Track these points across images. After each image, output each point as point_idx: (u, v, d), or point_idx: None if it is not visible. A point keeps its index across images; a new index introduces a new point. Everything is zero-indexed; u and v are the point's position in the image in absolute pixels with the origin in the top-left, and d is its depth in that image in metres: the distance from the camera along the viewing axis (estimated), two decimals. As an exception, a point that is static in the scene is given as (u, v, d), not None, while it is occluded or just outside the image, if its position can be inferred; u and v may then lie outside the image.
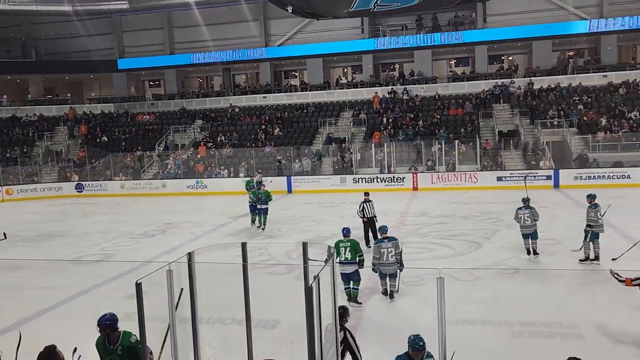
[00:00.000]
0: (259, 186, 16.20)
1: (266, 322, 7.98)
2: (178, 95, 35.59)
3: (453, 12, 31.17)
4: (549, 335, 7.23)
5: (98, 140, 31.37)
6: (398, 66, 34.56)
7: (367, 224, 12.70)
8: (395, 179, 23.52)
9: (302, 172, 25.26)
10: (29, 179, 28.29)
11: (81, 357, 4.77)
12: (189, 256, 4.71)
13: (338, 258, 8.56)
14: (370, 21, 32.08)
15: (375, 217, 12.72)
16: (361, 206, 12.75)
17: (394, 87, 30.87)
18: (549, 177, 21.86)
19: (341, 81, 33.60)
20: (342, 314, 5.51)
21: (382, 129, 27.37)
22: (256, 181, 17.31)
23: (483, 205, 18.10)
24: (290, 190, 24.35)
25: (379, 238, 9.13)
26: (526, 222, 10.89)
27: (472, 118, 27.08)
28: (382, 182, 23.53)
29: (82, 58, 35.71)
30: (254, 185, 16.54)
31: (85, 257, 13.18)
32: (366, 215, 12.68)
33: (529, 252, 11.08)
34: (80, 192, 27.01)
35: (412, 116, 28.03)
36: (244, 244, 5.15)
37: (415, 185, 23.13)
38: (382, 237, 8.94)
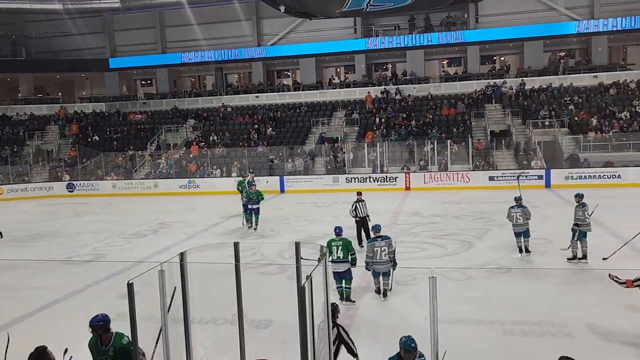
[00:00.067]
0: (250, 186, 16.17)
1: (259, 322, 7.97)
2: (170, 94, 35.44)
3: (445, 13, 31.28)
4: (541, 334, 7.28)
5: (89, 140, 31.18)
6: (391, 66, 34.62)
7: (360, 223, 12.71)
8: (387, 179, 23.57)
9: (294, 172, 25.25)
10: (20, 179, 28.08)
11: (72, 357, 4.74)
12: (181, 256, 4.69)
13: (330, 257, 8.59)
14: (363, 21, 32.11)
15: (368, 217, 12.74)
16: (354, 206, 12.76)
17: (387, 87, 30.93)
18: (540, 177, 21.98)
19: (334, 81, 33.62)
20: (333, 311, 5.52)
21: (374, 128, 27.41)
22: (247, 181, 17.28)
23: (475, 205, 18.18)
24: (282, 190, 24.32)
25: (372, 237, 9.16)
26: (518, 220, 11.01)
27: (464, 118, 27.20)
28: (374, 181, 23.56)
29: (74, 57, 35.48)
30: (246, 186, 16.51)
31: (76, 257, 13.09)
32: (359, 215, 12.69)
33: (521, 251, 11.19)
34: (72, 191, 26.84)
35: (404, 116, 28.10)
36: (236, 244, 5.14)
37: (407, 185, 23.19)
38: (376, 236, 8.97)
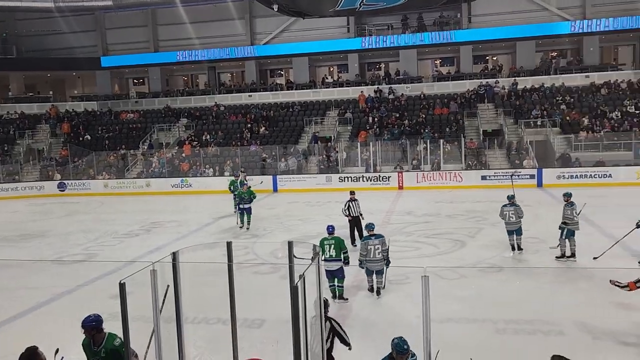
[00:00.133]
0: (242, 186, 16.14)
1: (252, 321, 7.96)
2: (162, 93, 35.28)
3: (438, 12, 31.36)
4: (532, 332, 7.32)
5: (81, 139, 30.99)
6: (384, 65, 34.67)
7: (353, 222, 12.73)
8: (380, 178, 23.61)
9: (287, 171, 25.23)
10: (10, 178, 27.85)
11: (63, 358, 4.72)
12: (174, 256, 4.68)
13: (323, 256, 8.64)
14: (356, 20, 32.13)
15: (361, 215, 12.76)
16: (347, 205, 12.78)
17: (380, 87, 30.97)
18: (532, 176, 22.11)
19: (327, 80, 33.61)
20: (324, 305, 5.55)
21: (367, 128, 27.44)
22: (239, 181, 17.25)
23: (467, 204, 18.25)
24: (275, 189, 24.30)
25: (366, 235, 9.19)
26: (511, 219, 11.16)
27: (457, 117, 27.29)
28: (367, 181, 23.59)
29: (65, 55, 35.24)
30: (238, 185, 16.48)
31: (67, 257, 13.01)
32: (352, 214, 12.71)
33: (514, 248, 11.34)
34: (63, 191, 26.66)
35: (397, 115, 28.15)
36: (229, 243, 5.13)
37: (400, 184, 23.23)
38: (369, 234, 9.04)
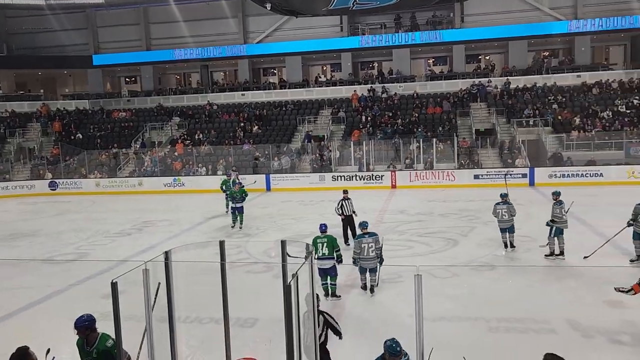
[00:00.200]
0: (234, 185, 16.12)
1: (244, 320, 7.95)
2: (155, 92, 35.11)
3: (431, 12, 31.45)
4: (524, 331, 7.36)
5: (72, 138, 30.79)
6: (377, 64, 34.71)
7: (346, 221, 12.74)
8: (374, 177, 23.64)
9: (280, 170, 25.20)
10: (1, 177, 27.64)
11: (55, 358, 4.69)
12: (166, 255, 4.66)
13: (316, 254, 8.66)
14: (349, 19, 32.14)
15: (355, 213, 12.79)
16: (340, 204, 12.79)
17: (373, 86, 31.00)
18: (524, 175, 22.21)
19: (320, 79, 33.61)
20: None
21: (361, 127, 27.46)
22: (232, 180, 17.24)
23: (460, 203, 18.31)
24: (269, 188, 24.26)
25: (359, 233, 9.22)
26: (504, 216, 11.29)
27: (449, 117, 27.37)
28: (360, 180, 23.61)
29: (56, 53, 34.99)
30: (230, 185, 16.45)
31: (59, 257, 12.93)
32: (345, 213, 12.72)
33: (506, 246, 11.48)
34: (54, 190, 26.48)
35: (390, 114, 28.20)
36: (222, 242, 5.11)
37: (393, 183, 23.27)
38: (363, 233, 9.08)
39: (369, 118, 28.07)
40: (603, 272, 9.51)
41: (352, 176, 23.81)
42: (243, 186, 15.97)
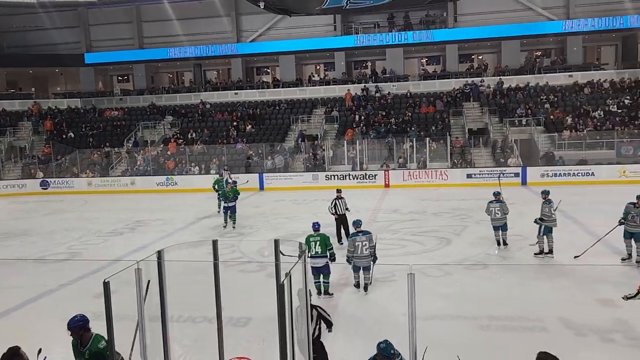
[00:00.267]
0: (227, 185, 16.09)
1: (237, 319, 7.93)
2: (147, 90, 34.96)
3: (424, 11, 31.51)
4: (516, 329, 7.40)
5: (64, 136, 30.57)
6: (370, 64, 34.74)
7: (339, 221, 12.75)
8: (367, 176, 23.66)
9: (274, 169, 25.17)
10: (-9, 176, 27.46)
11: (46, 358, 4.66)
12: (159, 254, 4.64)
13: (309, 252, 8.68)
14: (343, 18, 32.14)
15: (347, 209, 12.83)
16: (333, 203, 12.80)
17: (366, 85, 31.03)
18: (517, 175, 22.32)
19: (314, 78, 33.58)
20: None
21: (354, 126, 27.48)
22: (225, 180, 17.22)
23: (453, 202, 18.37)
24: (262, 188, 24.22)
25: (353, 231, 9.26)
26: (497, 215, 11.42)
27: (442, 116, 27.45)
28: (354, 179, 23.63)
29: (48, 51, 34.74)
30: (224, 185, 16.42)
31: (51, 256, 12.84)
32: (338, 212, 12.73)
33: (499, 243, 11.62)
34: (46, 189, 26.30)
35: (384, 114, 28.23)
36: (215, 242, 5.10)
37: (387, 183, 23.31)
38: (357, 231, 9.11)
39: (362, 117, 28.09)
40: (595, 271, 9.58)
41: (346, 175, 23.83)
42: (236, 185, 15.94)
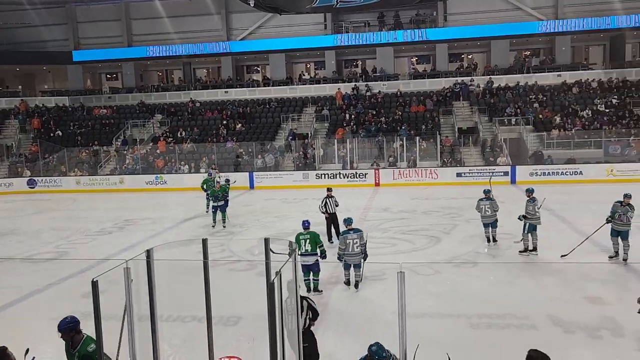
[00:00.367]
0: (215, 184, 16.04)
1: (227, 319, 7.90)
2: (136, 88, 34.72)
3: (414, 10, 31.59)
4: (505, 327, 7.44)
5: (52, 135, 30.28)
6: (361, 63, 34.78)
7: (330, 219, 12.75)
8: (357, 175, 23.69)
9: (264, 168, 25.11)
10: (-22, 175, 27.14)
11: (35, 358, 4.62)
12: (148, 253, 4.61)
13: (299, 250, 8.68)
14: (333, 17, 32.13)
15: (337, 205, 12.86)
16: (324, 202, 12.80)
17: (357, 84, 31.05)
18: (506, 173, 22.46)
19: (304, 77, 33.55)
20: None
21: (344, 125, 27.49)
22: (213, 179, 17.18)
23: (443, 200, 18.45)
24: (252, 187, 24.16)
25: (344, 229, 9.28)
26: (487, 212, 11.59)
27: (432, 115, 27.54)
28: (344, 178, 23.65)
29: (35, 49, 34.36)
30: (213, 184, 16.34)
31: (38, 256, 12.72)
32: (329, 211, 12.73)
33: (489, 240, 11.77)
34: (33, 188, 26.02)
35: (374, 113, 28.27)
36: (204, 241, 5.08)
37: (377, 181, 23.36)
38: (348, 229, 9.13)
39: (352, 116, 28.11)
40: (582, 269, 9.67)
41: (336, 174, 23.84)
42: (229, 183, 15.88)
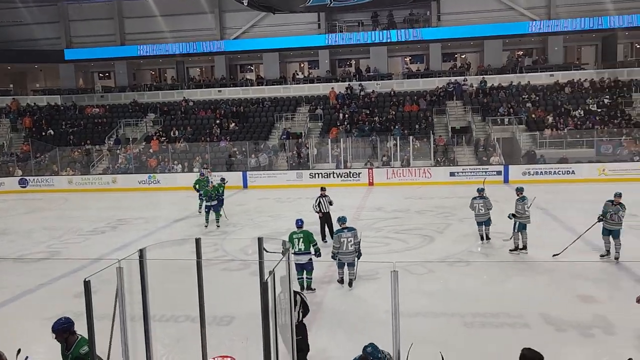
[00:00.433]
0: (208, 184, 16.01)
1: (221, 318, 7.88)
2: (129, 87, 34.56)
3: (408, 10, 31.64)
4: (498, 325, 7.47)
5: (43, 134, 30.07)
6: (354, 62, 34.80)
7: (324, 219, 12.75)
8: (351, 174, 23.70)
9: (258, 167, 25.07)
10: (-31, 174, 26.91)
11: (28, 358, 4.59)
12: (141, 253, 4.59)
13: (292, 249, 8.68)
14: (327, 16, 32.12)
15: (331, 203, 12.87)
16: (317, 201, 12.80)
17: (350, 83, 31.06)
18: (499, 173, 22.53)
19: (297, 76, 33.52)
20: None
21: (338, 124, 27.49)
22: (205, 178, 17.15)
23: (436, 200, 18.49)
24: (245, 186, 24.11)
25: (338, 228, 9.30)
26: (480, 210, 11.69)
27: (426, 114, 27.59)
28: (338, 177, 23.66)
29: (27, 47, 34.10)
30: (205, 184, 16.30)
31: (30, 255, 12.63)
32: (322, 210, 12.73)
33: (482, 238, 11.89)
34: (24, 187, 25.83)
35: (368, 112, 28.29)
36: (198, 240, 5.07)
37: (371, 181, 23.39)
38: (342, 227, 9.16)
39: (346, 115, 28.12)
40: (574, 268, 9.72)
41: (330, 173, 23.84)
42: (224, 182, 15.85)
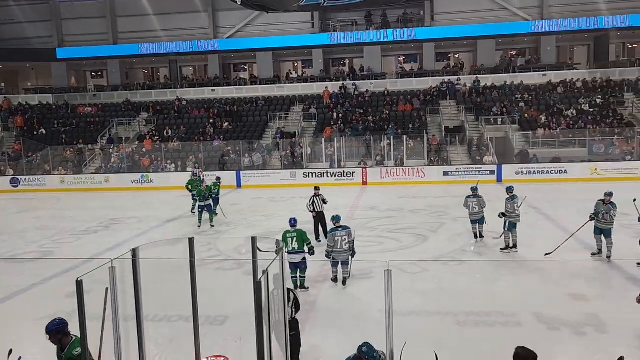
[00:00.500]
0: (201, 184, 15.99)
1: (214, 318, 7.87)
2: (122, 86, 34.38)
3: (402, 9, 31.68)
4: (491, 324, 7.50)
5: (35, 133, 29.88)
6: (348, 61, 34.80)
7: (317, 218, 12.74)
8: (345, 174, 23.72)
9: (251, 167, 25.03)
10: (-41, 173, 26.68)
11: (22, 358, 4.56)
12: (134, 252, 4.57)
13: (286, 248, 8.69)
14: (321, 16, 32.11)
15: (326, 202, 12.86)
16: (311, 200, 12.79)
17: (344, 83, 31.07)
18: (492, 172, 22.63)
19: (291, 75, 33.49)
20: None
21: (332, 124, 27.49)
22: (198, 178, 17.13)
23: (430, 199, 18.54)
24: (239, 185, 24.07)
25: (332, 227, 9.31)
26: (474, 209, 11.81)
27: (420, 114, 27.64)
28: (332, 176, 23.67)
29: (18, 46, 33.84)
30: (198, 184, 16.27)
31: (22, 255, 12.55)
32: (316, 210, 12.73)
33: (476, 236, 12.00)
34: (16, 186, 25.65)
35: (361, 111, 28.31)
36: (191, 240, 5.05)
37: (364, 180, 23.41)
38: (336, 226, 9.17)
39: (340, 115, 28.12)
40: (566, 266, 9.78)
41: (324, 173, 23.84)
42: (219, 181, 15.82)
